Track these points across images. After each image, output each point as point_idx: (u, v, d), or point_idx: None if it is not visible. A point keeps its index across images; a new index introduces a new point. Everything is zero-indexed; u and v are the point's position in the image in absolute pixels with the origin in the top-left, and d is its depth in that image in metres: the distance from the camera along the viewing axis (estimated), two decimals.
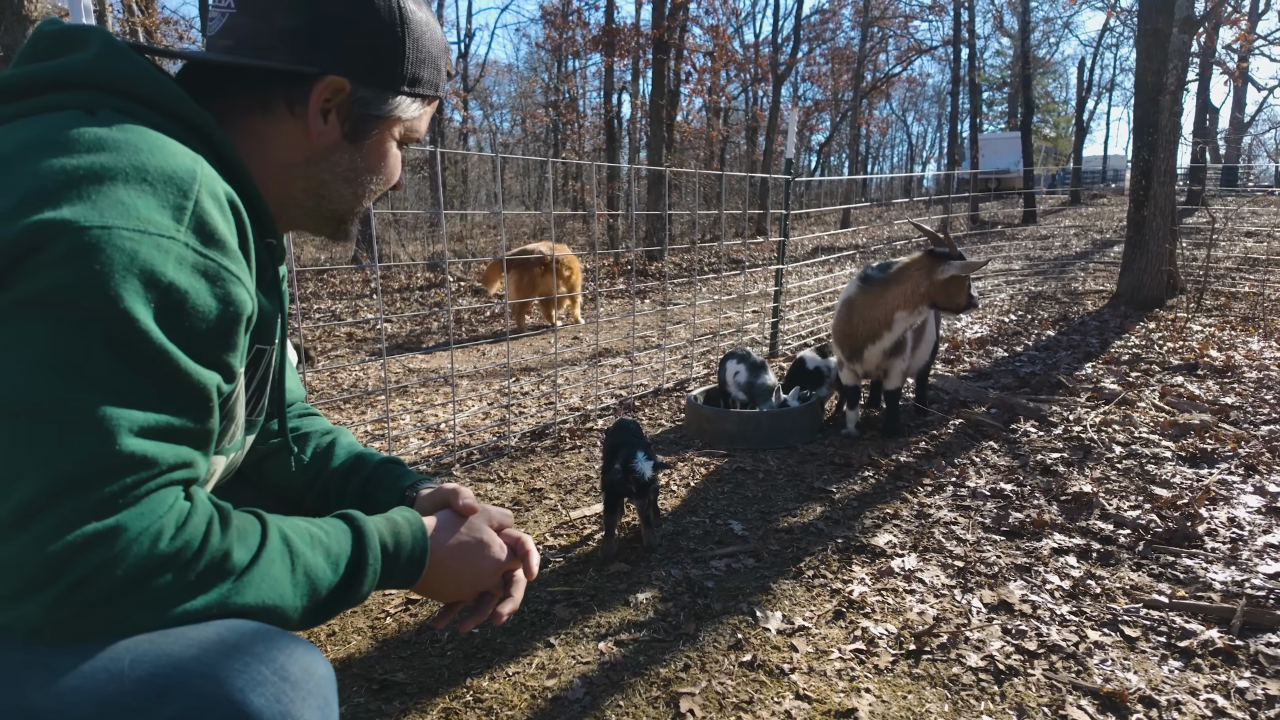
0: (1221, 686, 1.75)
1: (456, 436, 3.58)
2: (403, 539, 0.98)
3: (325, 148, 0.98)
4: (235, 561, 0.77)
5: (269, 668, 0.72)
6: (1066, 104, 38.26)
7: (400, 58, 0.98)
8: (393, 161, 1.06)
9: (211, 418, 0.79)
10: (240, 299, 0.79)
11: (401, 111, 1.01)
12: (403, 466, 1.30)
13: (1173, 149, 7.34)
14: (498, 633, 2.02)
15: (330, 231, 1.09)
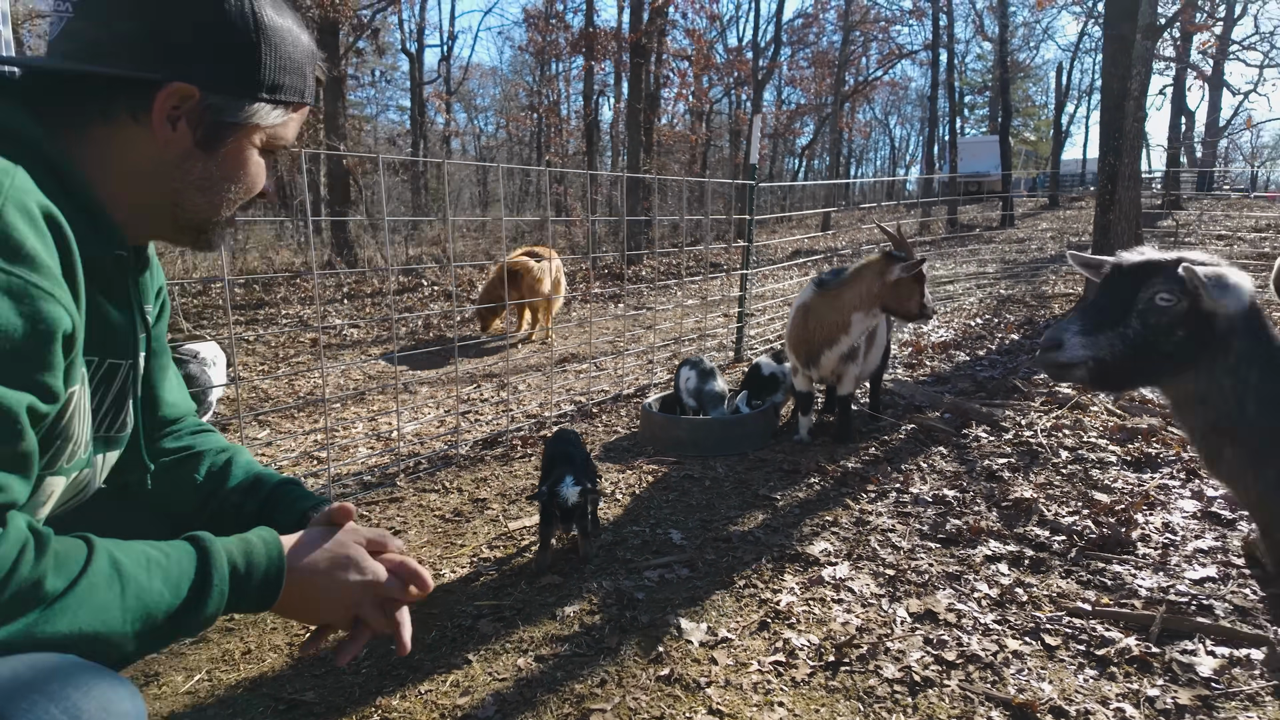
0: (1133, 695, 1.75)
1: (406, 445, 3.54)
2: (256, 559, 0.95)
3: (176, 156, 0.96)
4: (48, 589, 0.74)
5: (59, 706, 0.69)
6: (1046, 108, 38.61)
7: (256, 64, 0.96)
8: (254, 169, 1.04)
9: (22, 440, 0.76)
10: (53, 316, 0.77)
11: (260, 119, 0.99)
12: (301, 488, 1.27)
13: (1137, 154, 7.41)
14: (417, 649, 1.99)
15: (191, 241, 1.06)
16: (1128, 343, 1.40)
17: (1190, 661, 1.86)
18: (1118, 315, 1.41)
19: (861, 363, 3.61)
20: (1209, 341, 1.38)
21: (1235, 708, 1.70)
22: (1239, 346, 1.38)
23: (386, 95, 33.25)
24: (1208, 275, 1.33)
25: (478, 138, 37.78)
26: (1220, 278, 1.34)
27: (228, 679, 1.87)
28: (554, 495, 2.29)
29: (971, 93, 37.91)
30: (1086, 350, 1.44)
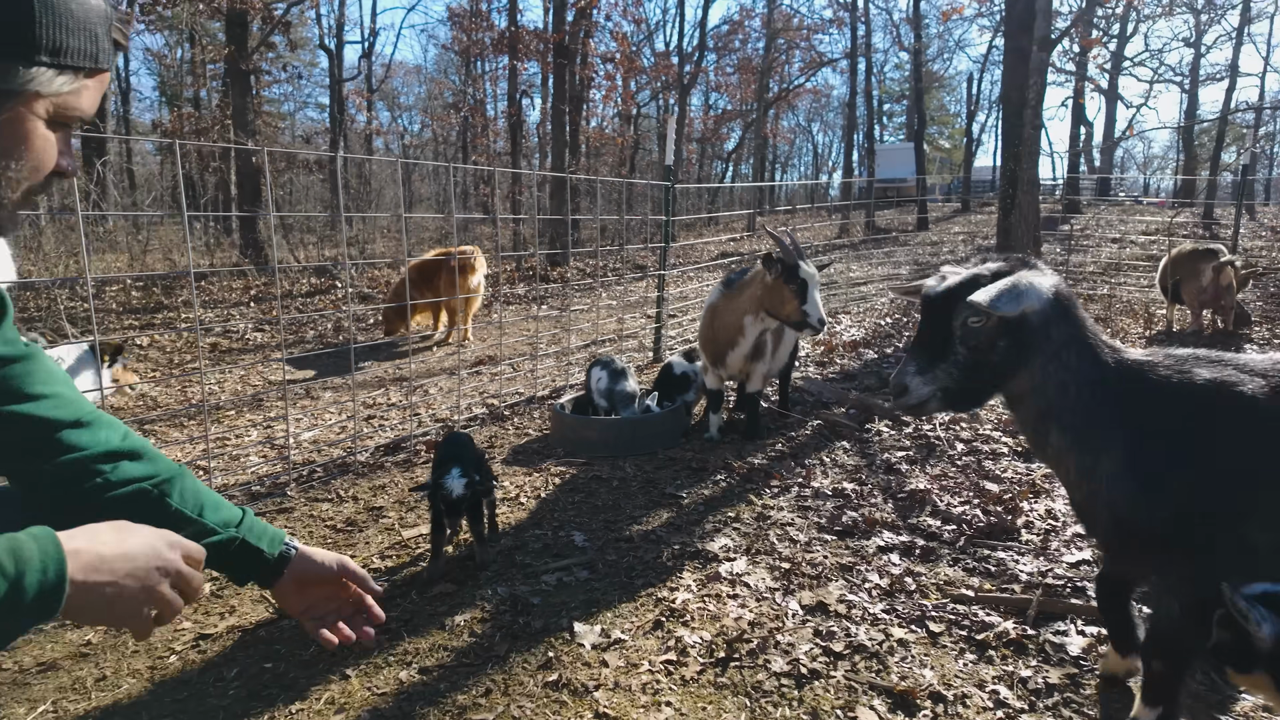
0: (1008, 677, 1.81)
1: (301, 453, 3.38)
2: (25, 555, 0.84)
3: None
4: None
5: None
6: (959, 117, 40.32)
7: (30, 23, 0.85)
8: (40, 144, 0.92)
9: None
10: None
11: (41, 86, 0.88)
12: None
13: (1035, 160, 7.80)
14: (292, 666, 1.88)
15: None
16: (961, 367, 1.47)
17: (1062, 642, 1.94)
18: (943, 345, 1.47)
19: (769, 361, 3.65)
20: (1032, 339, 1.45)
21: (1100, 684, 1.78)
22: (1055, 335, 1.45)
23: (305, 92, 32.08)
24: (997, 292, 1.39)
25: (401, 137, 36.90)
26: (1011, 288, 1.40)
27: (76, 709, 1.72)
28: (439, 487, 2.21)
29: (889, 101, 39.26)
30: (929, 386, 1.50)
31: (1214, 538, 1.39)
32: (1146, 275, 9.06)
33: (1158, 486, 1.40)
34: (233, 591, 2.27)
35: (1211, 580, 1.38)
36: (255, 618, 2.12)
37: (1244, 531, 1.38)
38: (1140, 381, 1.45)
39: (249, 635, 2.03)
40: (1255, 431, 1.37)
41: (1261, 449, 1.37)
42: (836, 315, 7.22)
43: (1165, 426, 1.42)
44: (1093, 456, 1.46)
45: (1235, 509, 1.38)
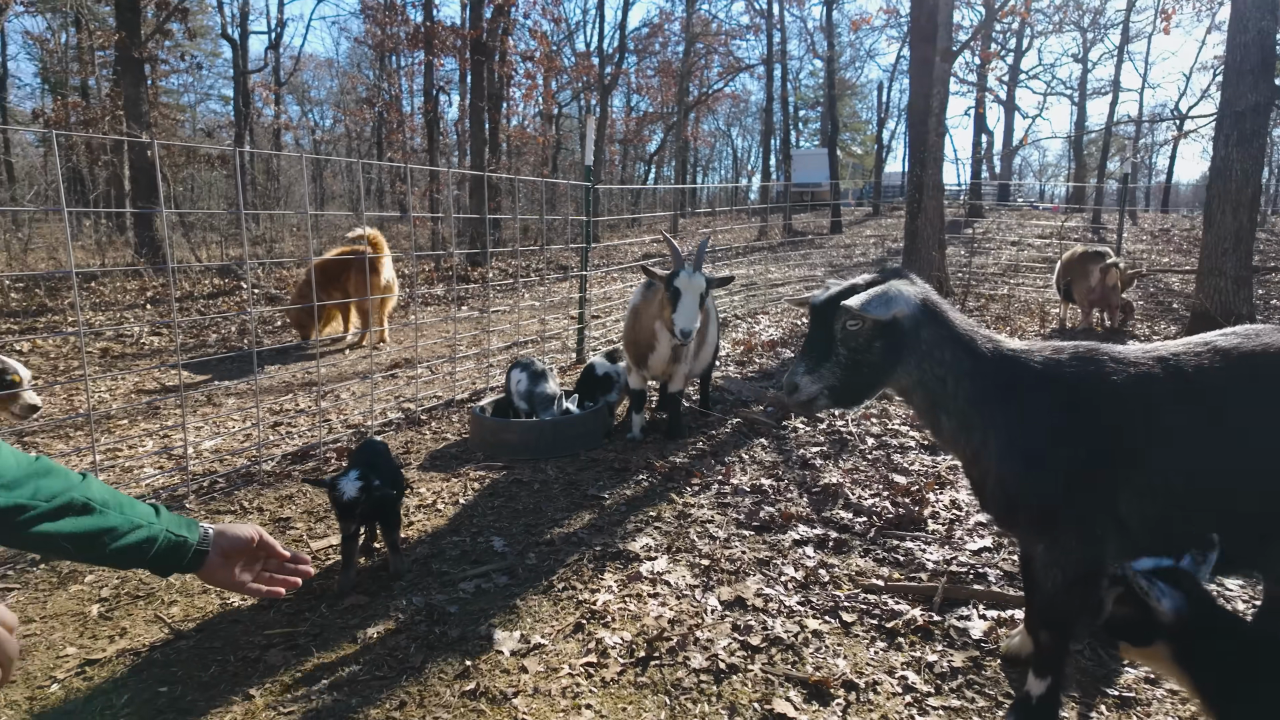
0: (915, 663, 1.88)
1: (202, 463, 3.20)
2: None
3: None
4: None
5: None
6: (870, 124, 41.89)
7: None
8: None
9: None
10: None
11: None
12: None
13: (939, 165, 8.17)
14: (190, 689, 1.78)
15: None
16: (844, 366, 1.60)
17: (965, 626, 2.03)
18: (828, 347, 1.61)
19: (691, 362, 3.69)
20: (904, 341, 1.59)
21: (999, 665, 1.87)
22: (926, 336, 1.59)
23: (207, 84, 30.46)
24: (867, 298, 1.55)
25: (313, 132, 35.50)
26: (879, 296, 1.56)
27: None
28: (332, 488, 2.13)
29: (804, 107, 40.41)
30: (816, 385, 1.62)
31: (1090, 512, 1.50)
32: (1043, 276, 9.63)
33: (1039, 463, 1.52)
34: (123, 613, 2.13)
35: (1092, 553, 1.49)
36: (149, 639, 1.99)
37: (1116, 506, 1.49)
38: (1017, 370, 1.58)
39: (141, 658, 1.91)
40: (1122, 413, 1.50)
41: (1127, 430, 1.49)
42: (756, 315, 7.37)
43: (1042, 409, 1.54)
44: (980, 437, 1.58)
45: (1106, 484, 1.49)
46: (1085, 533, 1.51)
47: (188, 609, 2.15)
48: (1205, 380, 1.49)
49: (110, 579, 2.33)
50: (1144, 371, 1.52)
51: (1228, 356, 1.51)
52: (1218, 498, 1.48)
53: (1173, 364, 1.53)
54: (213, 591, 2.25)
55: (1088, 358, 1.57)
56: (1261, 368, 1.48)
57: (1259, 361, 1.49)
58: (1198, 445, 1.47)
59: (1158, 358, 1.55)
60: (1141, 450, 1.48)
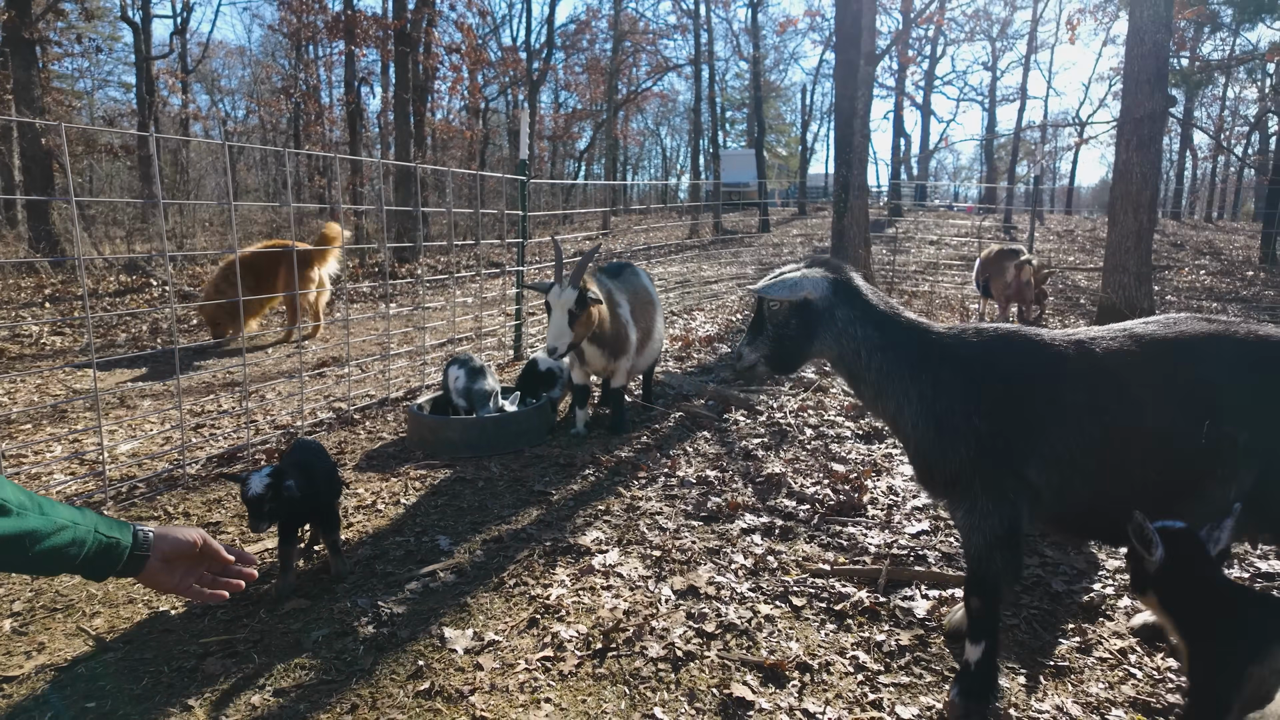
0: (865, 643, 1.94)
1: (118, 468, 3.01)
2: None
3: None
4: None
5: None
6: (795, 126, 42.91)
7: None
8: None
9: None
10: None
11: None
12: None
13: (864, 166, 8.43)
14: (121, 703, 1.67)
15: None
16: (772, 339, 1.86)
17: (910, 606, 2.11)
18: (761, 324, 1.89)
19: (633, 358, 3.70)
20: (818, 319, 1.82)
21: (944, 643, 1.95)
22: (840, 315, 1.81)
23: (105, 69, 28.62)
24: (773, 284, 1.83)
25: (223, 122, 33.85)
26: (785, 281, 1.82)
27: None
28: (242, 484, 2.02)
29: (731, 108, 41.06)
30: (755, 353, 1.90)
31: (1000, 477, 1.63)
32: (961, 274, 10.09)
33: (949, 429, 1.67)
34: (40, 627, 1.98)
35: (1006, 515, 1.63)
36: (71, 653, 1.86)
37: (1024, 473, 1.63)
38: (931, 346, 1.75)
39: (65, 674, 1.78)
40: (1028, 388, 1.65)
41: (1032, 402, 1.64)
42: (691, 312, 7.45)
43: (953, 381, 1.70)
44: (895, 405, 1.77)
45: (1014, 452, 1.63)
46: (997, 496, 1.64)
47: (112, 620, 2.03)
48: (1113, 361, 1.63)
49: (23, 591, 2.17)
50: (1056, 351, 1.66)
51: (1140, 341, 1.65)
52: (1121, 468, 1.62)
53: (1087, 346, 1.66)
54: (139, 600, 2.13)
55: (1003, 337, 1.73)
56: (1169, 352, 1.62)
57: (1168, 346, 1.62)
58: (1098, 420, 1.61)
59: (1074, 340, 1.69)
60: (1044, 422, 1.62)
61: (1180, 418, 1.58)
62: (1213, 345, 1.60)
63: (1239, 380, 1.57)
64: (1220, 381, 1.58)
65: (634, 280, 3.86)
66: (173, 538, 1.47)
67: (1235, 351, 1.59)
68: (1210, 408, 1.56)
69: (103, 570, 1.37)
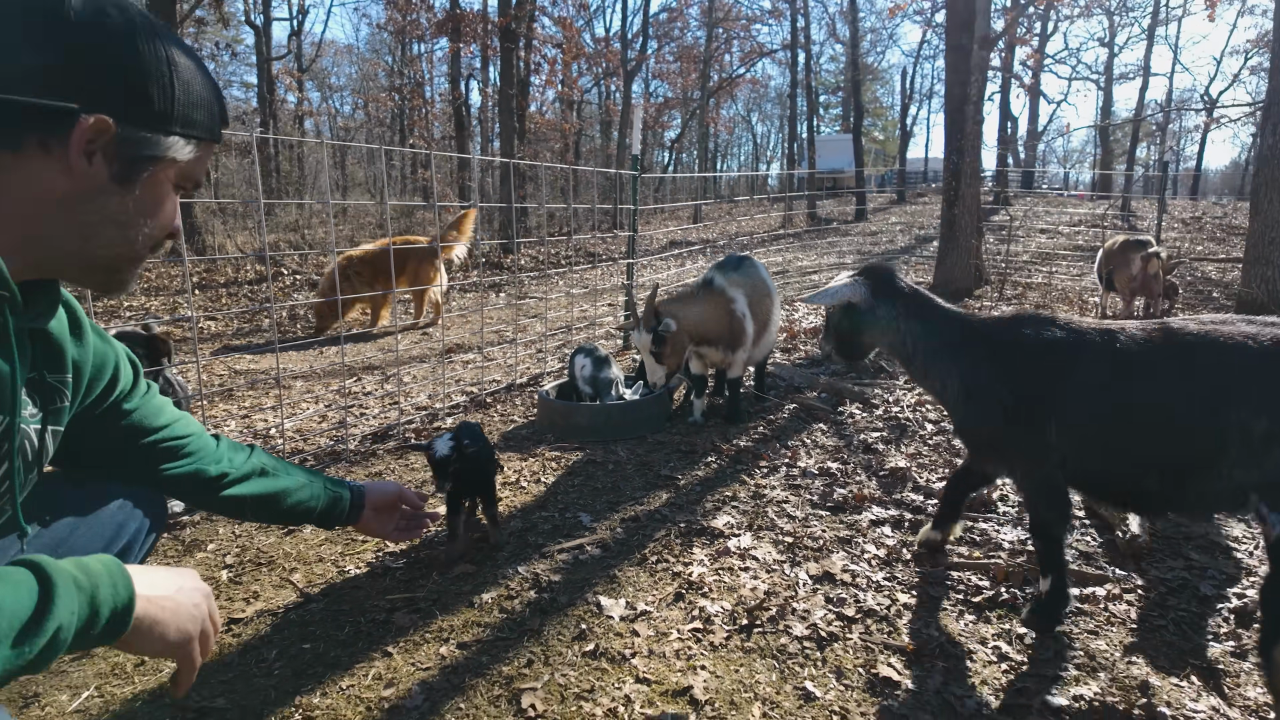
0: (1006, 634, 1.99)
1: (288, 442, 3.35)
2: (97, 578, 0.87)
3: (89, 189, 0.92)
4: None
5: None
6: (893, 109, 41.52)
7: (170, 99, 0.95)
8: (169, 206, 1.03)
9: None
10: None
11: (176, 153, 0.98)
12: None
13: (977, 153, 8.17)
14: (331, 646, 1.92)
15: (101, 281, 1.02)
16: (835, 335, 2.31)
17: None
18: (826, 324, 2.35)
19: (750, 349, 3.79)
20: (863, 318, 2.20)
21: (1085, 636, 1.98)
22: (882, 312, 2.17)
23: (229, 70, 30.70)
24: (814, 295, 2.24)
25: (333, 118, 35.71)
26: (824, 291, 2.22)
27: (122, 693, 1.73)
28: (429, 449, 2.26)
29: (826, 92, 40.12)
30: (828, 345, 2.37)
31: (1028, 439, 1.94)
32: (1077, 264, 9.64)
33: (980, 397, 2.01)
34: (250, 578, 2.28)
35: (1040, 473, 1.95)
36: (281, 602, 2.14)
37: (1047, 438, 1.90)
38: (965, 331, 2.08)
39: (279, 618, 2.05)
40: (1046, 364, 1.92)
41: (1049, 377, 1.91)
42: (792, 303, 7.45)
43: (982, 358, 2.03)
44: (939, 384, 2.13)
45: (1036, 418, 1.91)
46: (1029, 457, 1.96)
47: (308, 575, 2.30)
48: (1131, 349, 1.83)
49: (231, 547, 2.48)
50: (1079, 336, 1.91)
51: (1168, 336, 1.82)
52: (1126, 442, 1.84)
53: (1112, 334, 1.88)
54: (327, 559, 2.40)
55: (1031, 320, 2.00)
56: (1193, 342, 1.77)
57: (1194, 337, 1.78)
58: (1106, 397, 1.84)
59: (1103, 329, 1.90)
60: (1060, 396, 1.89)
61: (1187, 401, 1.75)
62: (1245, 338, 1.72)
63: (1264, 371, 1.67)
64: (1241, 370, 1.69)
65: (752, 272, 3.94)
66: (378, 490, 1.87)
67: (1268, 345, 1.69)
68: (1223, 394, 1.69)
69: (331, 520, 1.74)
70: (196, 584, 1.04)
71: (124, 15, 0.91)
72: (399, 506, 1.92)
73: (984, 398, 1.99)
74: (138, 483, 1.35)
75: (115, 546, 1.29)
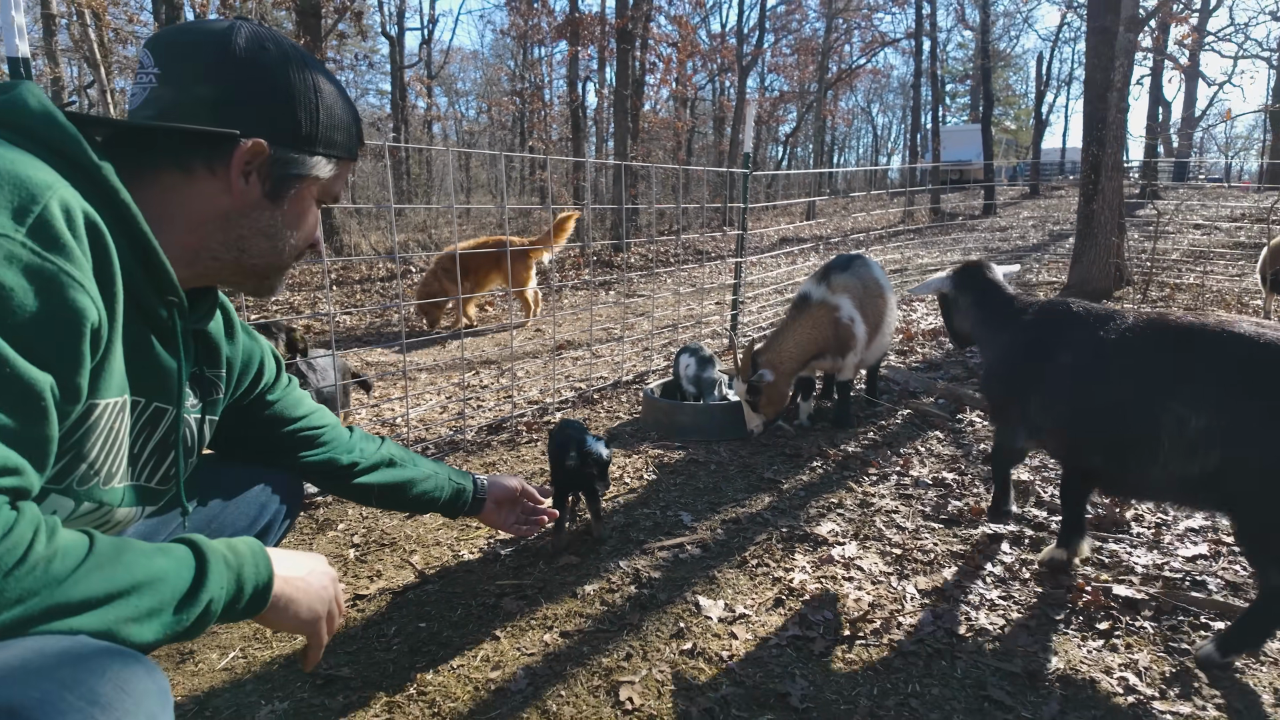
0: (1133, 665, 1.85)
1: (412, 431, 3.57)
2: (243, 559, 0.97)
3: (246, 206, 1.05)
4: (58, 570, 0.73)
5: (74, 693, 0.66)
6: (1026, 97, 38.96)
7: (315, 123, 1.07)
8: (311, 219, 1.15)
9: (44, 423, 0.77)
10: (80, 305, 0.78)
11: (319, 171, 1.10)
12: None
13: (1120, 144, 7.54)
14: (444, 626, 2.04)
15: (254, 285, 1.16)
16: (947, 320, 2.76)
17: (1189, 635, 1.96)
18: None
19: (861, 353, 3.67)
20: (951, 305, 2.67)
21: (1233, 679, 1.80)
22: (962, 302, 2.59)
23: (365, 79, 32.82)
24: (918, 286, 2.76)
25: (459, 122, 37.44)
26: (923, 285, 2.73)
27: (263, 656, 1.91)
28: (585, 454, 2.33)
29: (953, 81, 38.17)
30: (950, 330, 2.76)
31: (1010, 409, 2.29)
32: (1235, 263, 8.71)
33: (991, 369, 2.41)
34: (374, 558, 2.45)
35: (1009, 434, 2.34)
36: (401, 581, 2.29)
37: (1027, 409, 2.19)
38: (1003, 316, 2.37)
39: (399, 598, 2.20)
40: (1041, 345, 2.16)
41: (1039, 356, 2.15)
42: (910, 303, 7.16)
43: (1002, 338, 2.36)
44: (984, 356, 2.55)
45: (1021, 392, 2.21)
46: (1005, 421, 2.34)
47: (426, 557, 2.45)
48: (1118, 337, 1.96)
49: (359, 528, 2.68)
50: (1075, 320, 2.09)
51: (1162, 327, 1.90)
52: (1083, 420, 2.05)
53: (1110, 321, 2.01)
54: (443, 544, 2.55)
55: (1048, 306, 2.27)
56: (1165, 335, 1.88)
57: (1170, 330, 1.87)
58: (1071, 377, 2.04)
59: (1105, 315, 2.05)
60: (1042, 373, 2.12)
61: (1136, 391, 1.87)
62: (1222, 339, 1.76)
63: (1219, 371, 1.73)
64: (1198, 368, 1.77)
65: (864, 272, 3.81)
66: (500, 484, 1.95)
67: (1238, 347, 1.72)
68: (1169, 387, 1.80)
69: (455, 510, 1.85)
70: (325, 569, 1.14)
71: (279, 49, 1.04)
72: (520, 501, 2.00)
73: (991, 369, 2.40)
74: (278, 468, 1.49)
75: (257, 526, 1.43)
